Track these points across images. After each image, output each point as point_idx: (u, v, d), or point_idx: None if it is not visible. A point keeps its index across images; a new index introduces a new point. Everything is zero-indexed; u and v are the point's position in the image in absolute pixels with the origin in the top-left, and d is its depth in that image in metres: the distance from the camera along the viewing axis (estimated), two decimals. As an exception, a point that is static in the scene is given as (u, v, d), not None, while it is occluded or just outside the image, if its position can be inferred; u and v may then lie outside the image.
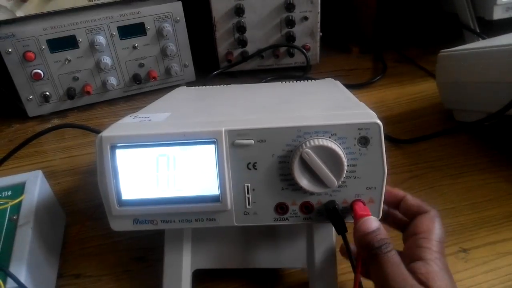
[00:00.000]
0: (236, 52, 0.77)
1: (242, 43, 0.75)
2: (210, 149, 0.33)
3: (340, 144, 0.32)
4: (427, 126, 0.62)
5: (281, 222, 0.34)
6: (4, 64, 0.67)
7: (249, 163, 0.33)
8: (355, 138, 0.32)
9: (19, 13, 0.67)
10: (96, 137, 0.33)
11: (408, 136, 0.59)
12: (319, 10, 0.73)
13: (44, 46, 0.67)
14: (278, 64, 0.78)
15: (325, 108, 0.38)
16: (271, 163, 0.33)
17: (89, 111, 0.74)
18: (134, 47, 0.71)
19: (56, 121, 0.72)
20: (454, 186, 0.51)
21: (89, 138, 0.66)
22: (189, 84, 0.77)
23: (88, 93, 0.71)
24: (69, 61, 0.69)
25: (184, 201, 0.34)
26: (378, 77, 0.75)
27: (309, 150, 0.31)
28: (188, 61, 0.76)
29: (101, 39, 0.68)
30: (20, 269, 0.35)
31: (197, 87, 0.57)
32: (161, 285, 0.38)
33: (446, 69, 0.60)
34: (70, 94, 0.70)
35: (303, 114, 0.35)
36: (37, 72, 0.68)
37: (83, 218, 0.49)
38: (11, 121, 0.72)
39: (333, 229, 0.38)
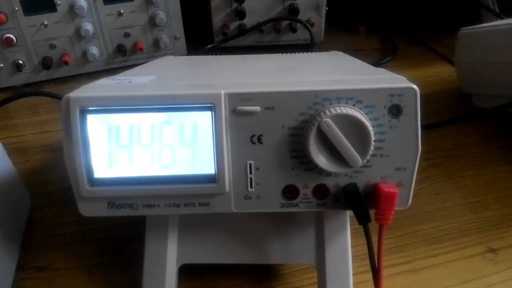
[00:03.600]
0: (233, 25, 0.70)
1: (240, 14, 0.68)
2: (206, 116, 0.26)
3: (366, 113, 0.26)
4: (444, 112, 0.56)
5: (289, 208, 0.28)
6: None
7: (253, 135, 0.27)
8: (385, 107, 0.26)
9: (-11, -31, 0.59)
10: (62, 98, 0.26)
11: (424, 121, 0.54)
12: (327, -19, 0.66)
13: (18, 7, 0.59)
14: (278, 40, 0.71)
15: (345, 73, 0.32)
16: (280, 136, 0.26)
17: (67, 83, 0.66)
18: (120, 14, 0.64)
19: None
20: (477, 178, 0.45)
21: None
22: (180, 59, 0.70)
23: (66, 63, 0.64)
24: (46, 26, 0.61)
25: (172, 181, 0.27)
26: (387, 59, 0.69)
27: (329, 120, 0.25)
28: (179, 33, 0.69)
29: (82, 2, 0.61)
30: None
31: (187, 56, 0.50)
32: (140, 282, 0.31)
33: (466, 48, 0.55)
34: (46, 63, 0.63)
35: (321, 78, 0.29)
36: (8, 37, 0.60)
37: (51, 201, 0.42)
38: (-21, 92, 0.64)
39: (347, 220, 0.32)
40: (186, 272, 0.33)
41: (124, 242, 0.38)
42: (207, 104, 0.26)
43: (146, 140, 0.27)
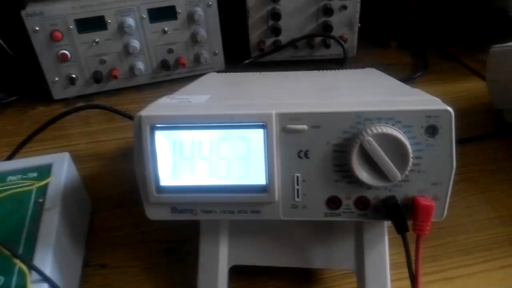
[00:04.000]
0: (269, 41, 0.73)
1: (276, 31, 0.71)
2: (258, 133, 0.30)
3: (404, 133, 0.29)
4: (475, 127, 0.58)
5: (332, 217, 0.31)
6: (31, 43, 0.65)
7: (301, 150, 0.30)
8: (422, 127, 0.28)
9: (48, -8, 0.65)
10: (135, 116, 0.30)
11: (456, 136, 0.55)
12: (360, 0, 0.69)
13: (72, 26, 0.65)
14: (312, 55, 0.75)
15: (383, 93, 0.35)
16: (325, 152, 0.29)
17: (116, 96, 0.71)
18: (164, 32, 0.69)
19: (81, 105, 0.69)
20: (508, 192, 0.46)
21: (115, 124, 0.63)
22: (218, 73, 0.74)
23: (115, 77, 0.69)
24: (97, 43, 0.66)
25: (227, 190, 0.31)
26: (419, 74, 0.71)
27: (371, 139, 0.28)
28: (218, 49, 0.73)
29: (130, 21, 0.66)
30: (46, 256, 0.32)
31: (229, 73, 0.54)
32: (196, 280, 0.35)
33: (498, 65, 0.56)
34: (97, 77, 0.68)
35: (361, 99, 0.32)
36: (63, 53, 0.66)
37: (109, 205, 0.47)
38: (35, 103, 0.70)
39: (385, 229, 0.34)
40: (235, 273, 0.36)
41: (175, 244, 0.42)
42: (260, 122, 0.29)
43: (205, 153, 0.31)
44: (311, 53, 0.74)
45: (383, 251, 0.34)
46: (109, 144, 0.59)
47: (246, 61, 0.73)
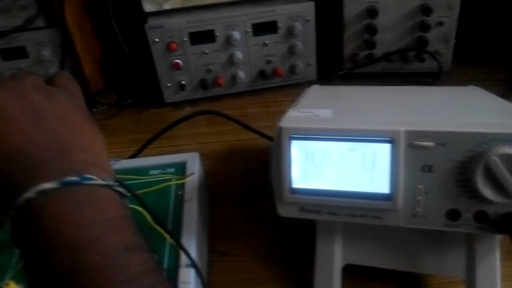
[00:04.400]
0: (362, 54, 0.76)
1: (370, 45, 0.74)
2: (385, 147, 0.33)
3: (528, 154, 0.31)
4: None
5: (451, 228, 0.33)
6: (148, 52, 0.73)
7: (425, 165, 0.33)
8: (544, 149, 0.30)
9: (166, 6, 0.73)
10: (276, 127, 0.35)
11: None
12: (457, 16, 0.70)
13: (186, 38, 0.72)
14: (405, 68, 0.76)
15: (503, 114, 0.37)
16: (448, 168, 0.32)
17: (217, 101, 0.78)
18: (264, 44, 0.74)
19: (188, 109, 0.77)
20: None
21: (217, 127, 0.70)
22: (310, 83, 0.78)
23: (220, 85, 0.76)
24: (206, 54, 0.74)
25: (353, 196, 0.35)
26: (516, 90, 0.70)
27: (496, 159, 0.30)
28: (312, 61, 0.77)
29: (236, 35, 0.72)
30: (190, 242, 0.38)
31: (331, 86, 0.58)
32: (313, 275, 0.39)
33: None
34: (204, 84, 0.76)
35: (483, 119, 0.34)
36: (177, 62, 0.74)
37: (225, 200, 0.53)
38: (148, 105, 0.79)
39: (497, 241, 0.36)
40: (347, 271, 0.40)
41: (285, 240, 0.47)
42: (388, 138, 0.33)
43: (334, 162, 0.35)
44: (404, 66, 0.76)
45: (494, 262, 0.36)
46: (212, 145, 0.65)
47: (341, 72, 0.77)
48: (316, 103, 0.45)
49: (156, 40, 0.72)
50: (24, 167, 0.24)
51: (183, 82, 0.76)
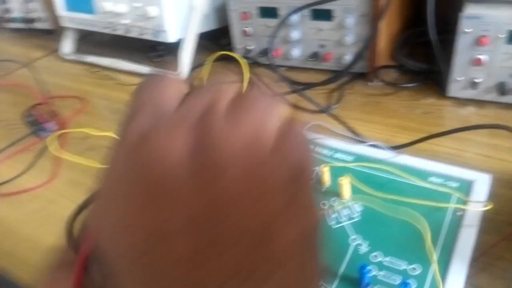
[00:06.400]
0: None
1: None
2: None
3: None
4: None
5: None
6: (450, 41, 0.68)
7: None
8: None
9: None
10: None
11: None
12: None
13: (503, 35, 0.63)
14: None
15: None
16: None
17: (507, 110, 0.68)
18: None
19: (471, 109, 0.70)
20: None
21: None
22: None
23: (521, 94, 0.65)
24: (519, 56, 0.64)
25: None
26: None
27: None
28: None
29: None
30: (459, 276, 0.36)
31: None
32: None
33: None
34: (501, 89, 0.66)
35: None
36: (479, 58, 0.66)
37: (497, 233, 0.47)
38: (427, 93, 0.75)
39: None
40: None
41: None
42: None
43: None
44: None
45: None
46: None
47: None
48: None
49: (467, 31, 0.66)
50: None
51: (477, 80, 0.68)
